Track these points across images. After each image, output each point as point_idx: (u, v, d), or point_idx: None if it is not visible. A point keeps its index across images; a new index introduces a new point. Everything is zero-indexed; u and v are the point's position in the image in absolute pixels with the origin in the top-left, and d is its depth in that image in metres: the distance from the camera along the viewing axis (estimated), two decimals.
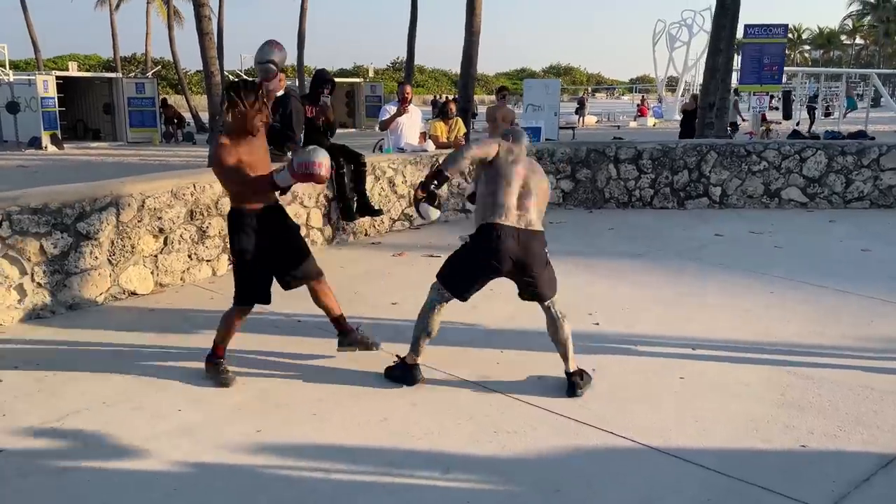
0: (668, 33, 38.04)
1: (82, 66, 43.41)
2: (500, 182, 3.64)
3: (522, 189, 3.66)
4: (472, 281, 3.72)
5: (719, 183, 9.26)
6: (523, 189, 3.66)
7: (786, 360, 4.18)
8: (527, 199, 3.65)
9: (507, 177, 3.65)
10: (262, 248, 3.75)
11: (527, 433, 3.31)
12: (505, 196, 3.62)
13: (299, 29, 25.81)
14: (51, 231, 4.79)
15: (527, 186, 3.67)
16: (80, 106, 24.56)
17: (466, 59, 12.38)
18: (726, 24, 11.77)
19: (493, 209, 3.62)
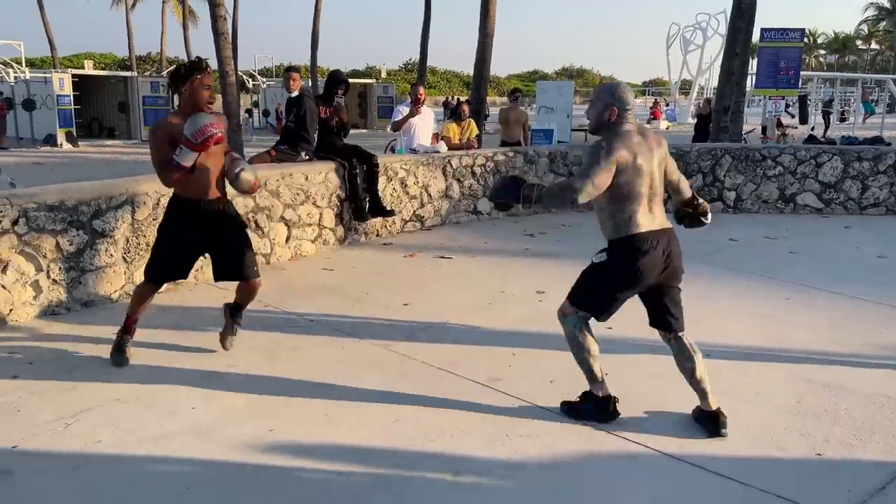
0: (683, 36, 37.89)
1: (98, 65, 43.77)
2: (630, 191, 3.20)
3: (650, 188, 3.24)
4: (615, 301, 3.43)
5: (734, 187, 9.21)
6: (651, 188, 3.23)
7: (800, 367, 4.15)
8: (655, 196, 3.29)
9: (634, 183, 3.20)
10: (185, 237, 3.91)
11: (540, 437, 3.30)
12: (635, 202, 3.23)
13: (313, 29, 25.91)
14: (67, 228, 4.82)
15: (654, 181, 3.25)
16: (96, 104, 24.77)
17: (480, 61, 12.38)
18: (742, 26, 11.71)
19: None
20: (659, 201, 3.24)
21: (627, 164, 3.12)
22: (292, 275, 5.99)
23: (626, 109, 3.19)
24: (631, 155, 3.13)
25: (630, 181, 3.14)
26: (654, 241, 3.20)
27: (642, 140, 3.19)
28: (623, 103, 3.19)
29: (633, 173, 3.13)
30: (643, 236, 3.20)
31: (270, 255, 6.24)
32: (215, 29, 11.92)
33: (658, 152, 3.23)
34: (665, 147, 3.29)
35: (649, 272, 3.26)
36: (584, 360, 3.45)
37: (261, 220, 6.10)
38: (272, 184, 6.19)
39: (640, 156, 3.15)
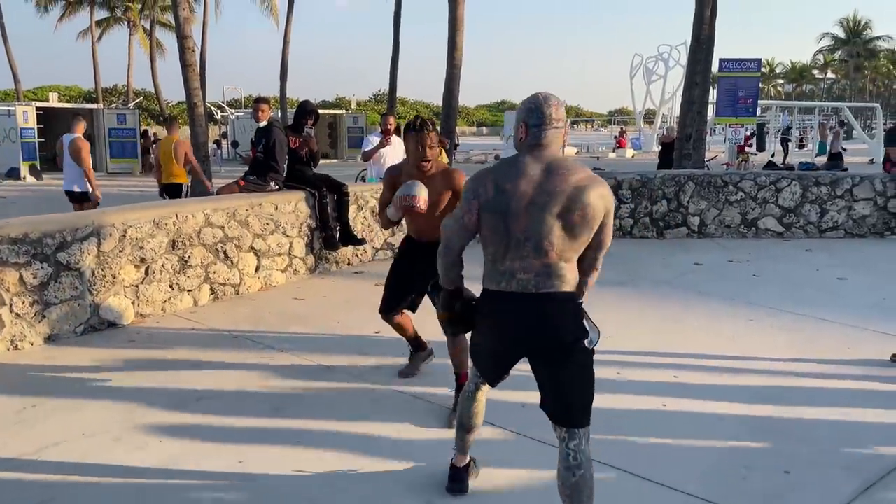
0: (646, 67, 38.82)
1: (63, 97, 43.29)
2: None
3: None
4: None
5: (698, 213, 9.40)
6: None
7: (767, 387, 4.23)
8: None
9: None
10: (401, 270, 4.07)
11: (512, 460, 3.31)
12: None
13: (282, 60, 26.01)
14: (30, 261, 4.74)
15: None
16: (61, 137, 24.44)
17: (448, 92, 12.55)
18: (701, 57, 12.05)
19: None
20: (541, 257, 2.47)
21: (488, 200, 2.49)
22: (262, 305, 5.96)
23: (540, 126, 2.50)
24: (496, 188, 2.48)
25: (490, 223, 2.51)
26: (505, 307, 2.53)
27: (538, 174, 2.46)
28: (534, 117, 2.52)
29: (495, 213, 2.48)
30: (491, 296, 2.58)
31: (240, 285, 6.20)
32: (183, 61, 11.93)
33: (559, 197, 2.42)
34: (586, 196, 2.42)
35: (501, 342, 2.63)
36: (458, 422, 3.00)
37: (230, 251, 6.07)
38: (241, 214, 6.17)
39: (515, 192, 2.44)
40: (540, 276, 2.49)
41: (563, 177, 2.45)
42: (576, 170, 2.49)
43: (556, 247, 2.47)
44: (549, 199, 2.44)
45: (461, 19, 12.23)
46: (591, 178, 2.48)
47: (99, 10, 36.30)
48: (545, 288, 2.50)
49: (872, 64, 70.07)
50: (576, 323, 2.53)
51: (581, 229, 2.47)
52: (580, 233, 2.47)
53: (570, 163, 2.52)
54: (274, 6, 32.26)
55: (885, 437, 3.57)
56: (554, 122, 2.53)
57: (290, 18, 26.13)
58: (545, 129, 2.52)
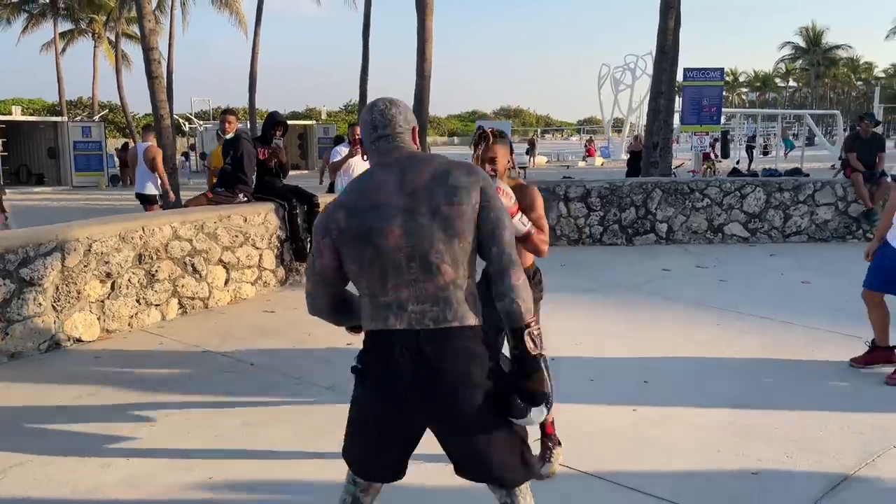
0: (613, 77, 39.39)
1: (26, 111, 42.52)
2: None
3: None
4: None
5: (665, 219, 9.53)
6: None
7: (734, 390, 4.29)
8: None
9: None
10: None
11: None
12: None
13: (251, 72, 25.85)
14: None
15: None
16: (24, 150, 24.03)
17: (418, 103, 12.61)
18: (666, 67, 12.28)
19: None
20: (433, 277, 1.98)
21: (341, 231, 2.02)
22: (232, 318, 5.90)
23: (373, 139, 2.10)
24: (349, 214, 2.02)
25: (353, 255, 2.02)
26: (395, 351, 1.99)
27: (392, 179, 2.03)
28: (365, 132, 2.13)
29: (356, 240, 2.00)
30: (375, 338, 2.04)
31: (209, 298, 6.13)
32: (149, 72, 11.81)
33: (423, 194, 1.98)
34: (451, 180, 2.00)
35: (391, 406, 2.04)
36: None
37: (198, 264, 6.00)
38: (209, 226, 6.11)
39: (374, 207, 2.00)
40: (437, 306, 1.97)
41: (419, 171, 2.03)
42: (431, 159, 2.09)
43: (448, 258, 1.97)
44: (415, 201, 1.98)
45: (430, 31, 12.31)
46: (450, 162, 2.08)
47: (63, 21, 35.78)
48: (445, 321, 1.97)
49: (832, 72, 71.83)
50: (492, 369, 2.02)
51: (461, 224, 1.97)
52: (462, 230, 1.97)
53: (423, 155, 2.13)
54: (242, 17, 32.12)
55: (849, 438, 3.64)
56: (386, 127, 2.09)
57: (258, 30, 26.02)
58: (379, 138, 2.09)
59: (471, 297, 2.03)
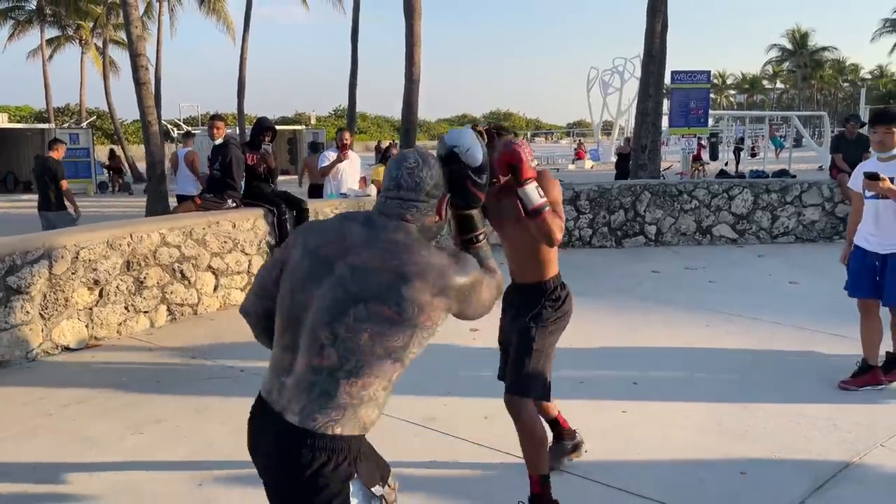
0: (602, 80, 39.47)
1: (13, 118, 42.25)
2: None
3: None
4: None
5: (654, 221, 9.57)
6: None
7: (723, 391, 4.31)
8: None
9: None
10: (501, 328, 3.14)
11: (475, 470, 3.32)
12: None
13: (239, 77, 25.79)
14: None
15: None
16: (11, 158, 23.86)
17: (407, 107, 12.62)
18: (654, 70, 12.33)
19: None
20: (310, 359, 1.67)
21: (288, 259, 1.81)
22: (221, 324, 5.88)
23: (394, 195, 1.80)
24: (303, 245, 1.79)
25: (281, 292, 1.79)
26: (254, 427, 1.79)
27: (355, 236, 1.74)
28: (388, 181, 1.83)
29: (287, 280, 1.78)
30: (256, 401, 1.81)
31: (198, 304, 6.11)
32: (136, 79, 11.77)
33: (364, 283, 1.64)
34: (423, 305, 1.64)
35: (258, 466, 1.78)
36: None
37: (187, 270, 5.99)
38: (198, 232, 6.09)
39: (321, 251, 1.75)
40: (314, 398, 1.63)
41: (383, 258, 1.66)
42: (406, 254, 1.66)
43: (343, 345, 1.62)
44: (351, 277, 1.66)
45: (418, 35, 12.32)
46: (423, 267, 1.65)
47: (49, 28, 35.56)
48: (312, 421, 1.61)
49: (818, 74, 72.38)
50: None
51: (384, 332, 1.63)
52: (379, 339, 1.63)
53: (405, 245, 1.69)
54: (230, 23, 32.03)
55: (836, 437, 3.67)
56: (410, 190, 1.76)
57: (246, 35, 25.96)
58: (393, 199, 1.77)
59: (357, 407, 1.64)
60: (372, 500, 1.62)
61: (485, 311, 1.86)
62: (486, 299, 1.83)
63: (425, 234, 1.79)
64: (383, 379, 1.66)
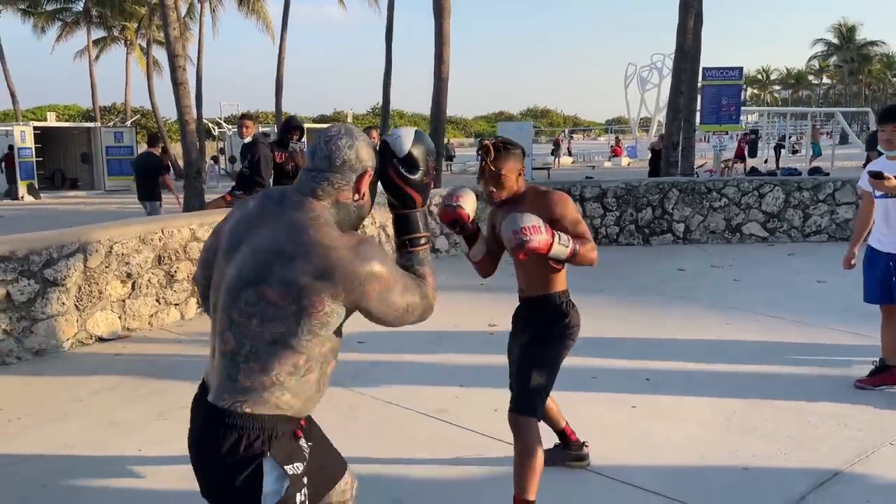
0: (640, 76, 39.11)
1: (62, 117, 43.59)
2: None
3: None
4: None
5: (682, 219, 9.52)
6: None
7: (737, 388, 4.31)
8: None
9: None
10: (509, 345, 3.11)
11: (483, 461, 3.41)
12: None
13: (277, 76, 26.23)
14: (17, 278, 4.86)
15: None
16: (58, 156, 24.66)
17: (436, 105, 12.73)
18: (686, 67, 12.23)
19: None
20: (217, 343, 1.72)
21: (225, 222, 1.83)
22: None
23: (310, 166, 1.75)
24: (231, 216, 1.81)
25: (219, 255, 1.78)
26: (194, 408, 1.78)
27: (264, 215, 1.70)
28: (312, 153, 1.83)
29: (220, 242, 1.79)
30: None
31: None
32: (174, 79, 12.11)
33: (260, 263, 1.61)
34: (304, 286, 1.57)
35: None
36: None
37: None
38: None
39: (241, 226, 1.73)
40: (223, 380, 1.66)
41: (280, 234, 1.62)
42: (305, 234, 1.60)
43: (245, 335, 1.62)
44: (251, 257, 1.63)
45: (447, 34, 12.42)
46: (311, 249, 1.58)
47: (96, 29, 36.58)
48: (223, 401, 1.64)
49: (866, 68, 70.39)
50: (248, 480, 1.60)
51: (270, 313, 1.59)
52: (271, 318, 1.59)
53: (306, 223, 1.62)
54: (269, 23, 32.55)
55: (845, 435, 3.66)
56: (323, 160, 1.69)
57: (284, 34, 26.37)
58: (309, 170, 1.72)
59: (273, 390, 1.63)
60: (284, 480, 1.61)
61: (403, 318, 1.71)
62: (401, 304, 1.68)
63: (342, 213, 1.69)
64: (285, 365, 1.61)
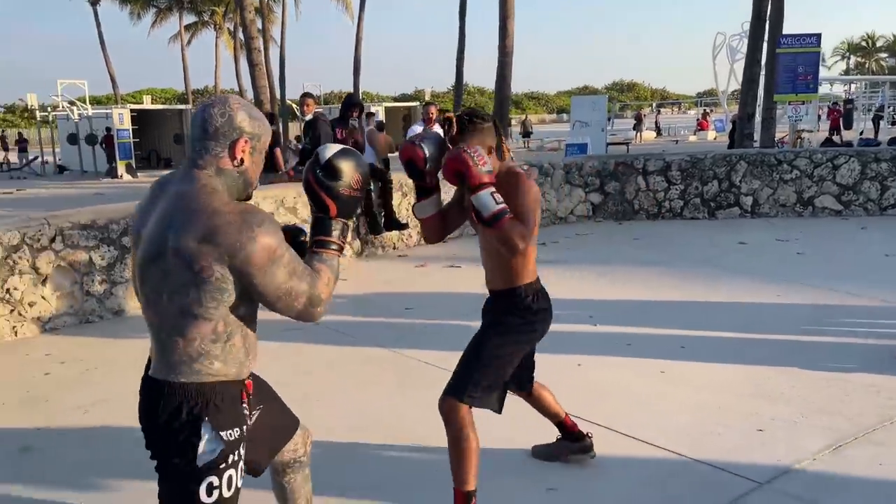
0: (729, 45, 37.45)
1: (157, 100, 45.93)
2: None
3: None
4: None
5: (750, 192, 9.28)
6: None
7: (772, 357, 4.30)
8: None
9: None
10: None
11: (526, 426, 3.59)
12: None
13: (355, 57, 26.79)
14: (98, 245, 5.37)
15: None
16: (154, 136, 26.13)
17: (500, 80, 12.77)
18: (762, 34, 11.78)
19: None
20: (145, 319, 1.81)
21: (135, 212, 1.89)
22: None
23: (196, 139, 1.79)
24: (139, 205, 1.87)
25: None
26: (140, 391, 1.85)
27: (161, 196, 1.77)
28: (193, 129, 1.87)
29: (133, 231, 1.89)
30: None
31: None
32: (250, 61, 12.69)
33: (154, 236, 1.70)
34: (190, 253, 1.63)
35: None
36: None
37: None
38: (289, 201, 6.66)
39: (144, 211, 1.81)
40: (157, 355, 1.78)
41: (169, 210, 1.69)
42: (190, 205, 1.65)
43: (155, 307, 1.73)
44: (150, 231, 1.72)
45: (511, 6, 12.39)
46: (196, 219, 1.63)
47: (187, 14, 38.32)
48: (160, 373, 1.76)
49: None
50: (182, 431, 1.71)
51: (166, 284, 1.67)
52: (167, 290, 1.67)
53: (192, 196, 1.67)
54: (348, 3, 33.14)
55: (871, 402, 3.64)
56: (200, 131, 1.74)
57: (361, 15, 26.87)
58: (194, 141, 1.77)
59: (197, 357, 1.71)
60: (219, 443, 1.71)
61: (287, 301, 1.73)
62: (286, 284, 1.70)
63: (228, 181, 1.74)
64: (204, 334, 1.69)
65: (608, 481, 3.00)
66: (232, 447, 1.74)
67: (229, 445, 1.73)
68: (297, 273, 1.73)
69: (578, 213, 9.39)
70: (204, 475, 1.71)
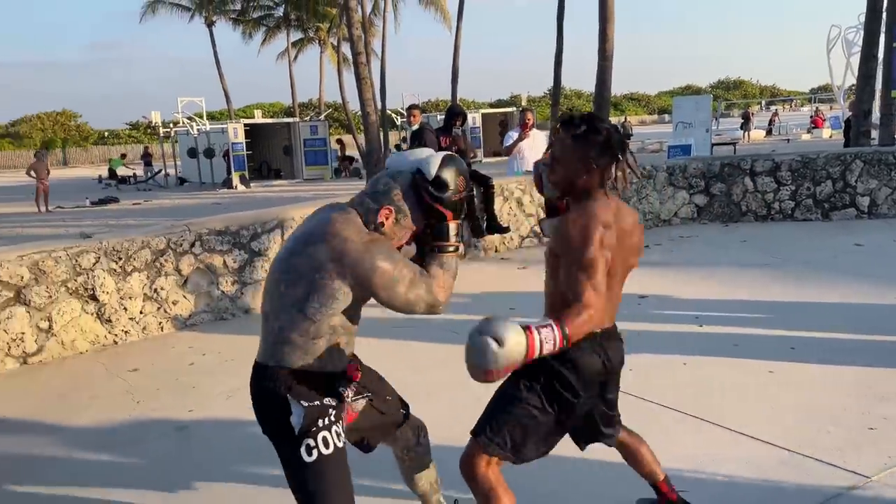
0: (845, 38, 35.45)
1: (266, 114, 48.24)
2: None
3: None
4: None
5: (867, 192, 8.92)
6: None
7: (889, 359, 4.23)
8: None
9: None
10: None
11: None
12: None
13: (453, 65, 27.25)
14: (231, 249, 5.90)
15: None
16: (264, 149, 27.57)
17: (600, 84, 12.78)
18: (877, 28, 11.24)
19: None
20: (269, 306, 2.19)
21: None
22: None
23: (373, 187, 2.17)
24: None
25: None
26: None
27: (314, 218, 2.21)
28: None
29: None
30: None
31: None
32: (357, 75, 13.29)
33: (298, 240, 2.11)
34: (320, 261, 2.01)
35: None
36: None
37: None
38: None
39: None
40: (263, 341, 2.17)
41: (311, 225, 2.11)
42: (334, 221, 2.04)
43: (279, 303, 2.09)
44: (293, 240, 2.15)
45: (611, 11, 12.40)
46: (326, 233, 2.00)
47: (294, 31, 40.13)
48: (262, 357, 2.16)
49: None
50: (281, 403, 2.06)
51: (297, 280, 2.03)
52: (296, 286, 2.02)
53: (341, 216, 2.06)
54: (446, 14, 33.73)
55: None
56: (368, 183, 2.21)
57: (459, 24, 27.28)
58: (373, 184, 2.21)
59: (307, 346, 2.05)
60: (303, 411, 2.03)
61: (409, 307, 2.04)
62: (405, 295, 2.01)
63: (370, 226, 2.07)
64: (298, 329, 2.02)
65: (711, 473, 3.10)
66: (317, 413, 2.04)
67: (314, 411, 2.03)
68: (415, 283, 2.02)
69: (682, 215, 9.32)
70: (301, 439, 2.02)
